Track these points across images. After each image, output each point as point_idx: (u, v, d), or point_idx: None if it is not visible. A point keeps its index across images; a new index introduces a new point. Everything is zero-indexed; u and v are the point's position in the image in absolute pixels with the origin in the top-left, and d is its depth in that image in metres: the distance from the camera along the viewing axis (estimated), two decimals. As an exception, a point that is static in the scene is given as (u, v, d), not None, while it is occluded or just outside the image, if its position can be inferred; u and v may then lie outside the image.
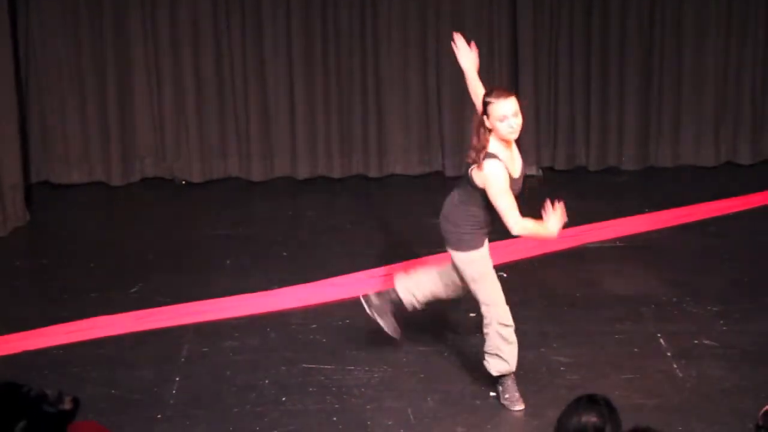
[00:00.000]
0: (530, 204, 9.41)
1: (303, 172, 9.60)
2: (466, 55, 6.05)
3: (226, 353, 6.45)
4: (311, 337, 6.65)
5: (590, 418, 3.46)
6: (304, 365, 6.28)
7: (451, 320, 6.82)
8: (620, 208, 8.72)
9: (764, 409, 3.66)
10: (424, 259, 7.75)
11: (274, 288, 7.34)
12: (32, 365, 6.30)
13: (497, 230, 8.34)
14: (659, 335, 6.54)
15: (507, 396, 5.84)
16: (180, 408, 5.84)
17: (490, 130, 5.58)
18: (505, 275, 7.50)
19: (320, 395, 5.96)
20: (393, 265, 7.24)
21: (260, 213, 8.96)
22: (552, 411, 5.47)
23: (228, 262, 7.84)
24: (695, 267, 7.57)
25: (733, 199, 8.84)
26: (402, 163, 9.64)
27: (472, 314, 6.89)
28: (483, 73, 9.47)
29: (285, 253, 7.97)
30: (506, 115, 5.53)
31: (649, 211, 8.63)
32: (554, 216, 5.67)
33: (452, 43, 6.04)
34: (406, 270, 6.27)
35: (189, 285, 7.43)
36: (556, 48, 9.54)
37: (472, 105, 6.07)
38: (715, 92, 9.67)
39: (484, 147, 5.57)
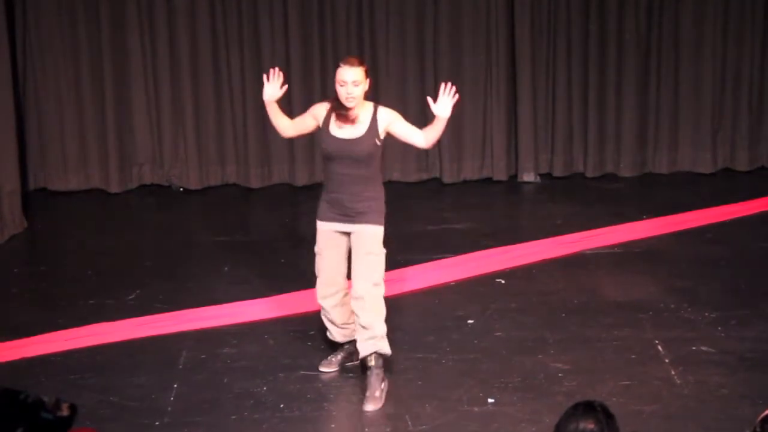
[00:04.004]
0: (527, 208, 9.52)
1: (301, 179, 9.61)
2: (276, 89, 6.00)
3: (224, 360, 6.45)
4: (309, 344, 6.65)
5: (588, 425, 3.46)
6: (303, 372, 6.28)
7: (449, 327, 6.82)
8: (618, 214, 8.73)
9: (762, 415, 3.66)
10: (421, 265, 7.77)
11: (273, 294, 7.34)
12: (30, 372, 6.30)
13: (493, 235, 8.41)
14: (657, 342, 6.54)
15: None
16: (178, 415, 5.83)
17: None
18: (503, 282, 7.52)
19: (318, 402, 5.96)
20: (390, 271, 7.23)
21: (258, 219, 8.97)
22: (550, 417, 5.49)
23: (226, 268, 7.84)
24: (693, 273, 7.57)
25: (731, 205, 8.85)
26: (400, 170, 9.65)
27: (470, 321, 6.91)
28: (481, 79, 9.61)
29: (283, 260, 7.97)
30: (345, 81, 5.77)
31: (647, 218, 8.63)
32: (445, 101, 5.84)
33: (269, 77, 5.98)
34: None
35: (187, 292, 7.43)
36: (554, 55, 9.56)
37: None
38: (712, 99, 9.69)
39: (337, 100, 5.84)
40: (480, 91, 9.61)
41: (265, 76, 5.99)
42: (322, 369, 6.28)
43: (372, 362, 5.96)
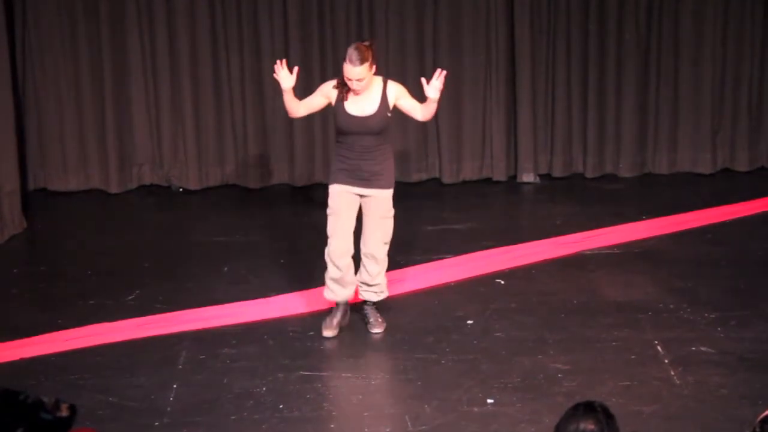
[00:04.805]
0: (527, 208, 9.51)
1: (300, 179, 9.61)
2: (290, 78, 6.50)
3: (223, 360, 6.45)
4: (309, 344, 6.65)
5: (588, 425, 3.46)
6: (302, 372, 6.28)
7: (449, 327, 6.83)
8: (618, 215, 8.72)
9: (762, 415, 3.66)
10: (421, 265, 7.77)
11: (272, 295, 7.34)
12: (29, 373, 6.30)
13: (492, 236, 8.41)
14: (657, 342, 6.54)
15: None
16: (177, 415, 5.83)
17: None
18: (502, 282, 7.52)
19: (318, 402, 5.96)
20: (390, 272, 7.24)
21: (257, 220, 8.96)
22: (549, 418, 5.49)
23: (225, 269, 7.84)
24: (693, 274, 7.57)
25: (731, 205, 8.85)
26: (399, 170, 9.63)
27: (470, 321, 6.91)
28: (481, 79, 9.61)
29: (282, 260, 7.97)
30: (350, 78, 6.32)
31: (647, 218, 8.63)
32: (435, 84, 6.39)
33: (276, 71, 6.49)
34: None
35: (186, 292, 7.43)
36: (554, 56, 9.55)
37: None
38: (712, 99, 9.69)
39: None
40: (480, 92, 9.61)
41: (275, 74, 6.47)
42: (326, 334, 6.68)
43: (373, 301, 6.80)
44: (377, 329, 6.79)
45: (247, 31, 9.37)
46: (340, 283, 6.64)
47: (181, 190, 9.62)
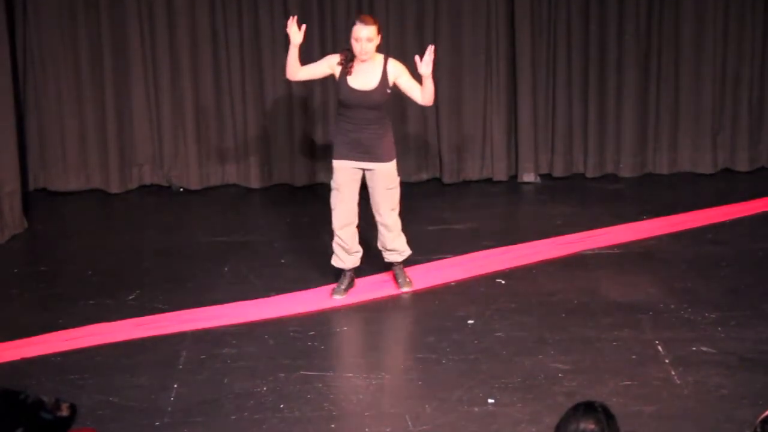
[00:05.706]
0: (527, 208, 9.51)
1: (301, 179, 9.61)
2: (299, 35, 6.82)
3: (224, 360, 6.45)
4: (309, 344, 6.65)
5: (588, 425, 3.46)
6: (303, 372, 6.28)
7: (449, 327, 6.83)
8: (618, 215, 8.72)
9: (762, 415, 3.65)
10: (422, 265, 7.77)
11: (272, 295, 7.35)
12: (29, 372, 6.30)
13: (493, 235, 8.41)
14: (657, 342, 6.54)
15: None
16: (178, 415, 5.83)
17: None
18: (503, 282, 7.52)
19: (318, 402, 5.96)
20: (391, 272, 7.24)
21: (258, 220, 8.96)
22: (550, 418, 5.50)
23: (226, 269, 7.84)
24: (693, 274, 7.57)
25: (731, 206, 8.85)
26: (400, 170, 9.61)
27: (470, 321, 6.91)
28: (481, 79, 9.60)
29: (283, 260, 7.97)
30: (360, 37, 6.69)
31: (647, 218, 8.63)
32: (426, 58, 6.69)
33: (288, 26, 6.82)
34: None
35: (187, 292, 7.43)
36: (554, 55, 9.55)
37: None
38: (712, 99, 9.68)
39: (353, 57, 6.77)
40: (480, 92, 9.60)
41: (288, 28, 6.76)
42: (336, 297, 7.13)
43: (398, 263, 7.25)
44: (406, 288, 7.23)
45: (247, 30, 9.36)
46: (346, 251, 7.10)
47: (181, 190, 9.63)
